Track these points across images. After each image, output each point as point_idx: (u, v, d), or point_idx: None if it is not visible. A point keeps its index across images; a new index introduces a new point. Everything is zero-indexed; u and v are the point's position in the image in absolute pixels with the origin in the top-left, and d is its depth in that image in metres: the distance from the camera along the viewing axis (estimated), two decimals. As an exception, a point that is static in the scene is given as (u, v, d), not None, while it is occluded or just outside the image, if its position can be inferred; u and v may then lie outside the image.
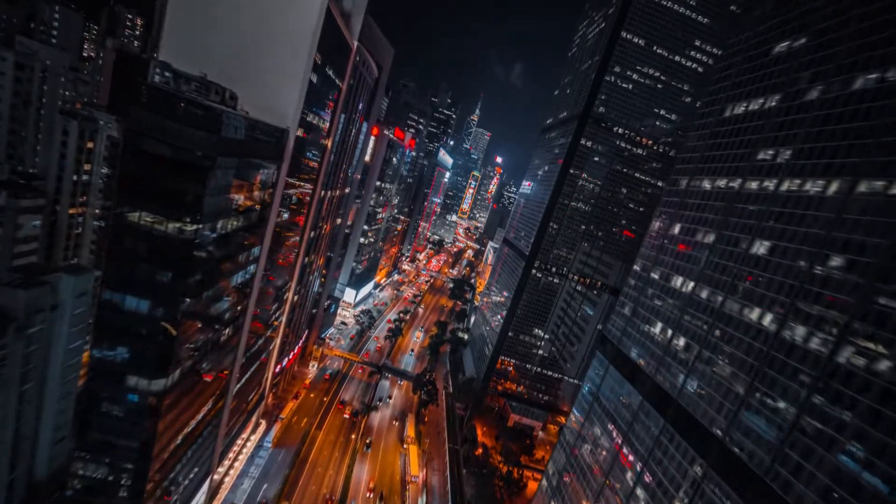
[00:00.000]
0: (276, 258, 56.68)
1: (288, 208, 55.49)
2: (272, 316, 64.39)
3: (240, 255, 42.49)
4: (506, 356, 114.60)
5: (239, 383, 56.03)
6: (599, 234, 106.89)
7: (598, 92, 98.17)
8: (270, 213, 47.23)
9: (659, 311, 49.06)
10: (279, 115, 45.29)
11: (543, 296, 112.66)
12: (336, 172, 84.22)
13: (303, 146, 52.98)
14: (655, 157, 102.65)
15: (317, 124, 55.98)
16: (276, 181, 46.47)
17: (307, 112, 50.10)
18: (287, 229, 58.08)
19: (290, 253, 63.32)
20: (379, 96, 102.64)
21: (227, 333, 45.54)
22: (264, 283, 54.41)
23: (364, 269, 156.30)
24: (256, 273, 48.46)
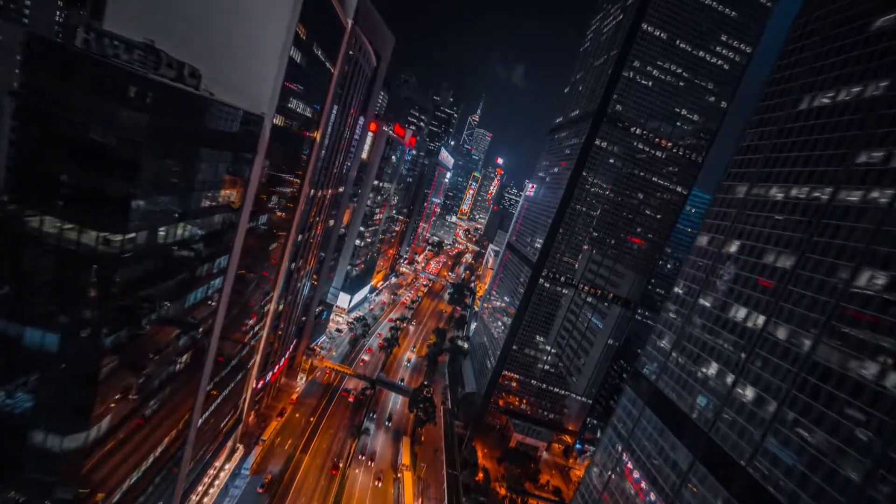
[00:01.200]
0: (253, 267, 48.79)
1: (267, 210, 47.61)
2: (250, 331, 56.52)
3: (198, 269, 34.59)
4: (509, 371, 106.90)
5: (206, 412, 48.15)
6: (612, 243, 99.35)
7: (615, 89, 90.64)
8: (241, 215, 39.34)
9: (713, 349, 40.69)
10: (253, 98, 37.46)
11: (548, 305, 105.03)
12: (328, 170, 76.40)
13: (284, 137, 45.14)
14: (675, 160, 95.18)
15: (303, 113, 48.15)
16: (249, 178, 38.58)
17: (289, 97, 42.28)
18: (267, 234, 50.20)
19: (271, 260, 55.41)
20: (377, 88, 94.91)
21: (184, 361, 37.64)
22: (237, 297, 46.55)
23: (359, 272, 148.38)
24: (224, 287, 40.57)
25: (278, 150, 44.78)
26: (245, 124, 36.79)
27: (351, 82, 72.03)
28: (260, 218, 45.81)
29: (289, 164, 50.17)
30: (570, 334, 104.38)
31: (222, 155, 34.94)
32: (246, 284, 48.80)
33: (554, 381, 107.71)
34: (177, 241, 30.64)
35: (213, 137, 33.08)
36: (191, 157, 31.08)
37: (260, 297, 56.44)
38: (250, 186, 39.20)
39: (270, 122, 39.03)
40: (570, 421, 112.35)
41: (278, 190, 49.07)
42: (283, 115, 42.20)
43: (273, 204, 48.80)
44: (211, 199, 34.26)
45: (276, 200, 49.44)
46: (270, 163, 43.54)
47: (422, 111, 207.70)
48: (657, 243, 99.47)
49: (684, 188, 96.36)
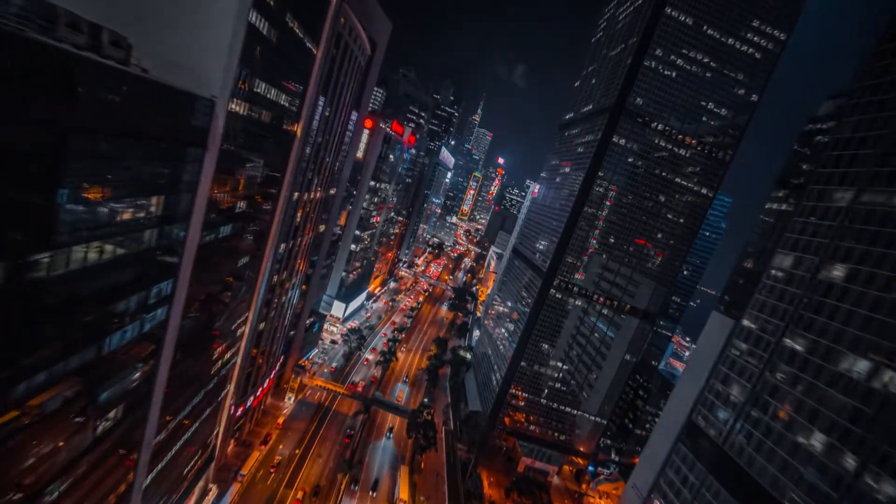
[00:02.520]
0: (216, 288, 40.14)
1: (231, 218, 38.93)
2: (219, 361, 47.89)
3: (120, 303, 25.96)
4: (516, 389, 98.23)
5: (160, 465, 39.56)
6: (630, 249, 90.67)
7: (635, 80, 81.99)
8: (190, 228, 30.67)
9: (817, 414, 31.05)
10: (200, 77, 28.79)
11: (558, 317, 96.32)
12: (316, 170, 67.84)
13: (250, 130, 36.47)
14: (700, 159, 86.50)
15: (276, 101, 39.49)
16: (198, 180, 29.90)
17: (253, 78, 33.60)
18: (233, 247, 41.53)
19: (243, 276, 46.75)
20: (372, 79, 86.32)
21: (114, 417, 29.04)
22: (195, 326, 37.93)
23: (355, 278, 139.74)
24: (170, 319, 31.91)
25: (242, 145, 36.09)
26: (189, 111, 28.18)
27: (341, 70, 63.45)
28: (221, 229, 37.13)
29: (259, 162, 41.49)
30: (584, 349, 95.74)
31: (156, 151, 26.37)
32: (208, 309, 40.16)
33: (565, 399, 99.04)
34: (85, 268, 22.05)
35: (143, 128, 24.54)
36: (110, 154, 22.61)
37: (230, 321, 47.80)
38: (200, 191, 30.52)
39: (225, 109, 30.36)
40: (581, 442, 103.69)
41: (246, 194, 40.38)
42: (246, 102, 33.53)
43: (240, 211, 40.12)
44: (139, 209, 25.64)
45: (245, 206, 40.76)
46: (230, 161, 34.87)
47: (422, 108, 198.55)
48: (679, 250, 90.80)
49: (710, 190, 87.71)
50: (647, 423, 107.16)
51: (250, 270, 49.03)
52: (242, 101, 32.73)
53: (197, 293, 36.43)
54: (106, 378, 26.71)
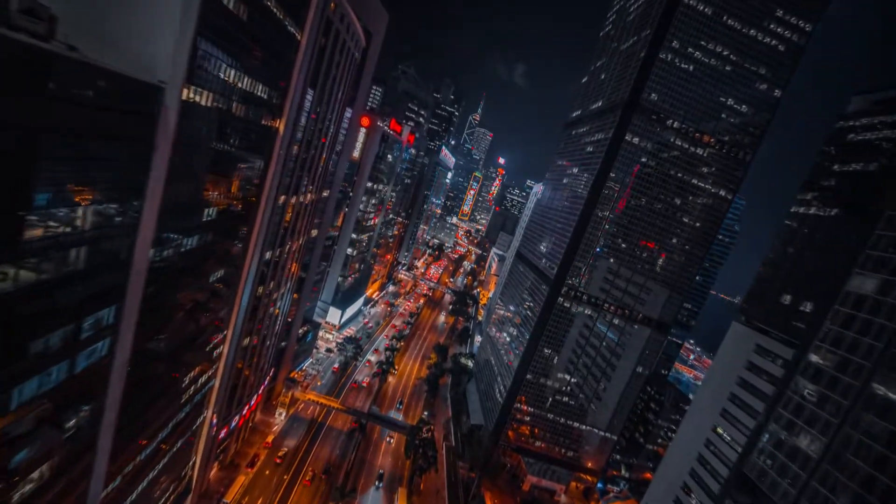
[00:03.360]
0: (179, 310, 34.59)
1: (194, 229, 33.37)
2: (191, 387, 42.34)
3: (38, 339, 20.45)
4: (521, 403, 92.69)
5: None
6: (644, 255, 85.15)
7: (650, 74, 76.48)
8: (136, 241, 25.15)
9: None
10: (146, 58, 23.25)
11: (565, 326, 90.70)
12: (307, 171, 62.36)
13: (216, 124, 30.92)
14: (719, 158, 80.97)
15: (249, 91, 33.93)
16: (143, 183, 24.37)
17: (216, 62, 28.05)
18: (200, 261, 35.98)
19: (215, 292, 41.20)
20: (368, 74, 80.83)
21: (39, 478, 23.50)
22: (153, 354, 32.42)
23: (352, 283, 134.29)
24: (115, 351, 26.40)
25: (206, 143, 30.54)
26: (131, 99, 22.66)
27: (332, 62, 57.95)
28: (184, 242, 31.59)
29: (232, 162, 35.91)
30: (593, 361, 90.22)
31: (88, 150, 20.87)
32: (173, 333, 34.63)
33: (573, 413, 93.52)
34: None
35: (68, 121, 19.09)
36: (22, 153, 17.21)
37: (204, 342, 42.27)
38: (149, 198, 24.97)
39: (179, 98, 24.78)
40: (590, 457, 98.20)
41: (216, 199, 34.82)
42: (209, 90, 27.96)
43: (210, 219, 34.56)
44: (62, 222, 20.13)
45: (216, 214, 35.21)
46: (192, 161, 29.35)
47: (422, 106, 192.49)
48: (694, 256, 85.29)
49: (728, 192, 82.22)
50: (660, 437, 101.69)
51: (227, 284, 43.50)
52: (204, 89, 27.17)
53: (156, 317, 30.94)
54: (20, 437, 21.17)
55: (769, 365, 64.14)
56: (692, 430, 75.14)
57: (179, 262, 31.78)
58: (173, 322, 34.21)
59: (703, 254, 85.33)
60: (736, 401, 67.37)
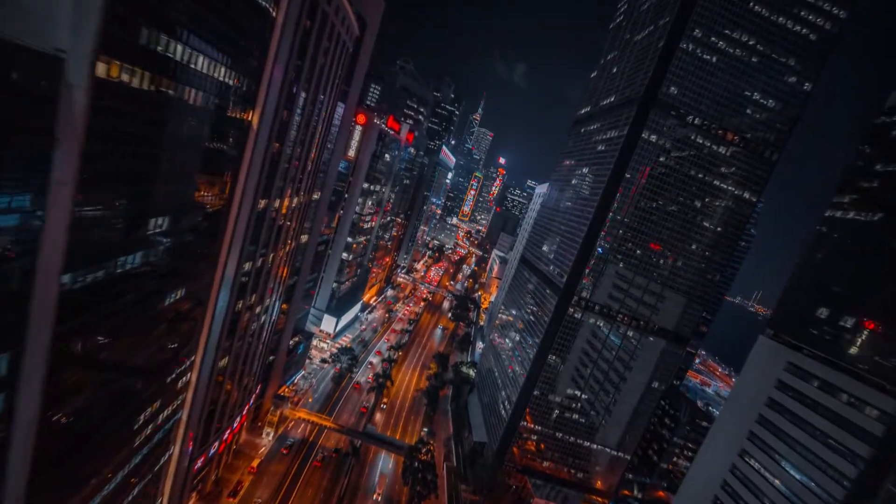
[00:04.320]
0: (119, 344, 28.24)
1: (141, 243, 27.05)
2: (148, 426, 35.99)
3: None
4: (527, 421, 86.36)
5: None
6: (660, 262, 78.82)
7: (669, 66, 70.16)
8: (38, 265, 18.84)
9: None
10: (38, 19, 16.90)
11: (573, 335, 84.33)
12: (293, 171, 56.09)
13: (159, 110, 24.60)
14: (743, 157, 74.63)
15: (203, 72, 27.56)
16: (43, 188, 18.04)
17: (145, 27, 21.65)
18: (145, 282, 29.60)
19: (172, 316, 34.82)
20: (362, 66, 74.55)
21: None
22: (83, 404, 26.11)
23: (348, 289, 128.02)
24: (16, 406, 20.10)
25: (142, 136, 24.20)
26: (20, 73, 16.35)
27: (319, 49, 51.68)
28: (120, 262, 25.26)
29: (183, 160, 29.53)
30: (606, 375, 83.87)
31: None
32: (109, 374, 28.30)
33: (583, 432, 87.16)
34: None
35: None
36: None
37: (161, 374, 35.92)
38: (53, 205, 18.63)
39: (89, 74, 18.42)
40: (599, 477, 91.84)
41: (166, 206, 28.48)
42: (139, 66, 21.58)
43: (159, 230, 28.23)
44: None
45: (167, 224, 28.87)
46: (117, 158, 22.98)
47: (421, 103, 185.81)
48: (715, 263, 78.97)
49: (752, 193, 75.89)
50: (675, 455, 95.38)
51: (191, 304, 37.16)
52: (130, 64, 20.80)
53: (82, 360, 24.62)
54: None
55: (803, 385, 57.94)
56: (715, 454, 68.80)
57: (117, 287, 25.46)
58: (112, 360, 27.90)
59: (724, 260, 79.05)
60: (766, 424, 61.17)
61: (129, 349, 29.27)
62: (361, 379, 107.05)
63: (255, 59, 34.57)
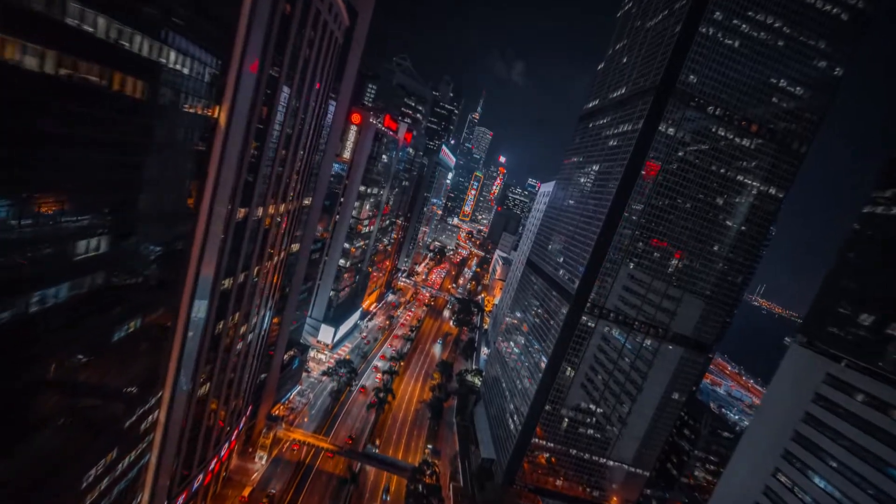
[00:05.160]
0: (47, 396, 22.77)
1: (70, 271, 21.57)
2: (106, 477, 30.58)
3: None
4: (539, 437, 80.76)
5: None
6: (680, 266, 73.11)
7: (687, 52, 64.42)
8: None
9: None
10: None
11: (586, 345, 78.66)
12: (278, 176, 50.64)
13: (73, 97, 19.13)
14: (768, 150, 68.83)
15: (139, 54, 22.02)
16: None
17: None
18: (70, 321, 24.10)
19: (123, 351, 29.36)
20: (354, 60, 69.08)
21: None
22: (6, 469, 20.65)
23: (346, 297, 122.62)
24: None
25: (50, 132, 18.73)
26: None
27: (303, 37, 46.22)
28: (43, 294, 19.77)
29: (118, 164, 24.01)
30: (622, 387, 78.21)
31: None
32: (37, 430, 22.82)
33: (598, 448, 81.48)
34: None
35: None
36: None
37: (114, 420, 30.44)
38: None
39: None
40: (616, 494, 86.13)
41: (98, 221, 22.95)
42: (56, 46, 16.08)
43: (88, 254, 22.71)
44: None
45: (100, 245, 23.37)
46: (22, 161, 17.52)
47: (419, 101, 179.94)
48: (739, 265, 73.22)
49: (779, 189, 70.09)
50: (696, 468, 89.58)
51: (151, 335, 31.70)
52: (31, 41, 15.32)
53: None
54: None
55: (846, 399, 52.13)
56: (745, 473, 63.01)
57: (36, 328, 19.99)
58: (43, 414, 22.44)
59: (748, 261, 73.29)
60: (803, 441, 55.35)
61: (66, 399, 23.82)
62: (360, 393, 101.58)
63: (217, 45, 29.08)
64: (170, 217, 29.51)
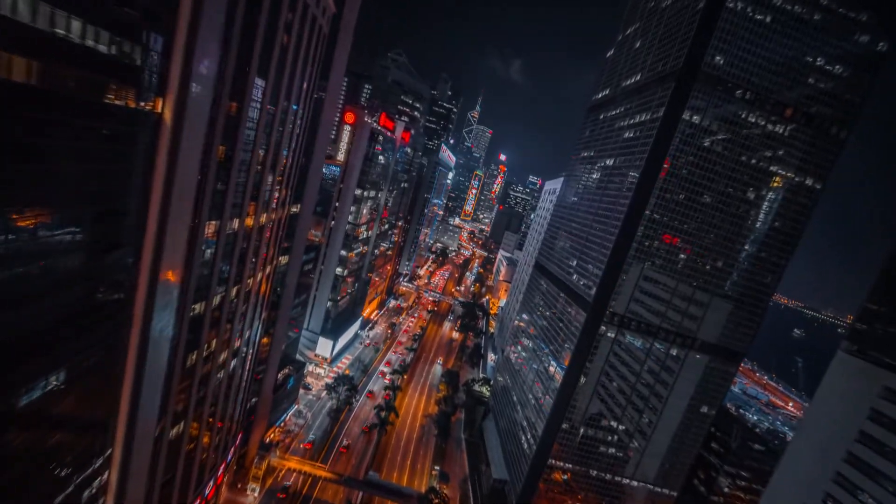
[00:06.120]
0: None
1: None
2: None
3: None
4: (556, 459, 74.22)
5: None
6: (707, 268, 66.40)
7: (714, 30, 57.71)
8: None
9: None
10: None
11: (605, 355, 72.02)
12: (257, 181, 44.37)
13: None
14: (806, 137, 61.98)
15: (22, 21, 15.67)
16: None
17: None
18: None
19: (45, 408, 23.06)
20: (342, 51, 62.69)
21: None
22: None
23: (345, 307, 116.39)
24: None
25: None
26: None
27: (278, 22, 39.89)
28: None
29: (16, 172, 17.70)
30: (646, 402, 71.57)
31: None
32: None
33: (619, 467, 74.88)
34: None
35: None
36: None
37: (52, 490, 24.20)
38: None
39: None
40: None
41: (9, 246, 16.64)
42: None
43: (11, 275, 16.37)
44: None
45: (18, 272, 17.06)
46: None
47: (417, 99, 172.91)
48: (771, 264, 66.44)
49: (816, 180, 63.24)
50: (726, 486, 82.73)
51: (86, 387, 25.40)
52: None
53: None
54: None
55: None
56: (788, 498, 56.28)
57: None
58: None
59: (783, 261, 66.47)
60: (857, 464, 48.60)
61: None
62: (363, 408, 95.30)
63: (150, 17, 22.67)
64: (99, 234, 23.19)
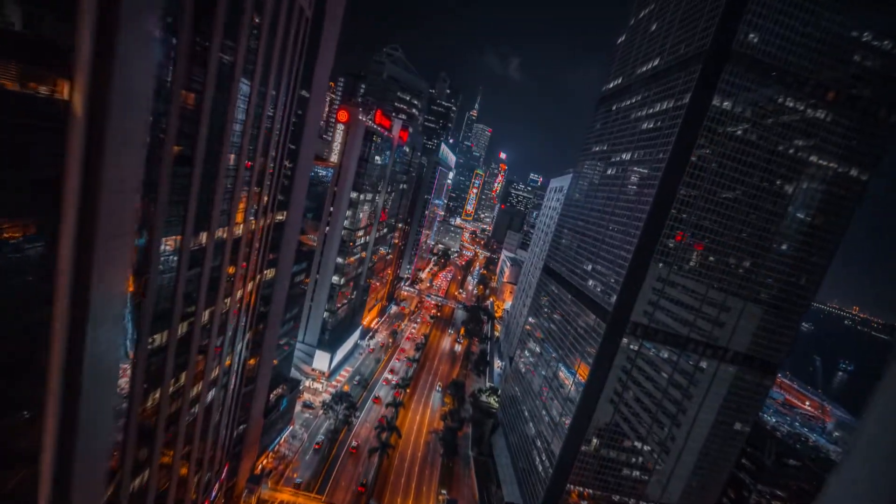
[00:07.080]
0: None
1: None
2: None
3: None
4: (574, 483, 67.71)
5: None
6: (740, 271, 59.74)
7: (746, 4, 51.18)
8: None
9: None
10: None
11: (627, 368, 65.42)
12: (231, 187, 38.13)
13: None
14: (849, 122, 55.30)
15: None
16: None
17: None
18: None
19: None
20: (329, 42, 56.36)
21: None
22: None
23: (343, 316, 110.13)
24: None
25: None
26: None
27: (245, 2, 33.58)
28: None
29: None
30: (673, 419, 64.98)
31: None
32: None
33: (645, 492, 68.29)
34: None
35: None
36: None
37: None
38: None
39: None
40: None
41: None
42: None
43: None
44: None
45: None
46: None
47: (414, 96, 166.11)
48: (813, 266, 59.76)
49: (861, 170, 56.54)
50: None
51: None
52: None
53: None
54: None
55: None
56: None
57: None
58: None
59: (825, 262, 59.75)
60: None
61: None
62: (362, 428, 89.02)
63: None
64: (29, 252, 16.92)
